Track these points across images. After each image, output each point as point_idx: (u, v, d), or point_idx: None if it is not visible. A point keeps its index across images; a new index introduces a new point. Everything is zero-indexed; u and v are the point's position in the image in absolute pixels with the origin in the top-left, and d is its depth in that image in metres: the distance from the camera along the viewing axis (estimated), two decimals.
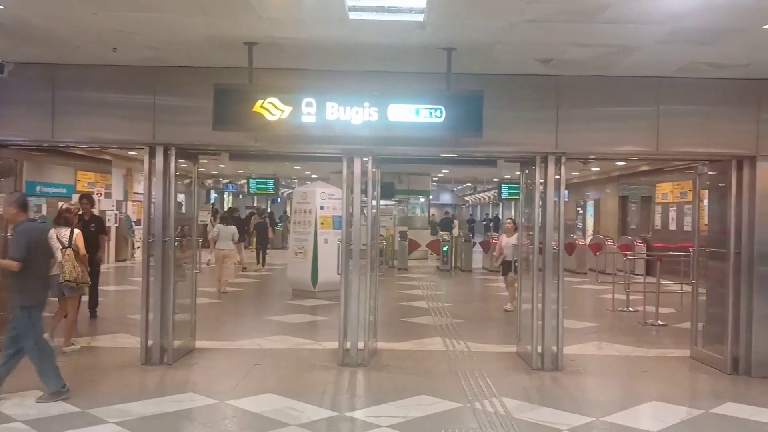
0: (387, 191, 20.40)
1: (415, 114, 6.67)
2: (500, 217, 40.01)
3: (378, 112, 6.68)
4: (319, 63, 7.08)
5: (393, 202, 22.16)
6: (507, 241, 11.78)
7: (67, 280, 7.77)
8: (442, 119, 6.65)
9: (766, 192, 7.35)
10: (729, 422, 5.83)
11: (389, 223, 20.82)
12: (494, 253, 13.95)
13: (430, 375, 7.17)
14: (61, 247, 7.77)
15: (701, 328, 8.22)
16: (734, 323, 7.50)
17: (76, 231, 8.01)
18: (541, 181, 7.48)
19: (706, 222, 8.52)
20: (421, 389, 6.51)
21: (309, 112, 6.68)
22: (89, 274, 8.29)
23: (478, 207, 51.84)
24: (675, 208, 17.69)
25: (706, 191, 8.47)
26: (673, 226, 17.75)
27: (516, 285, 11.58)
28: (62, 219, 8.02)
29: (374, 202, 7.76)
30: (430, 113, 6.64)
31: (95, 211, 11.13)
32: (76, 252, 7.83)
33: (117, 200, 19.32)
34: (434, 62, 6.71)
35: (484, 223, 38.11)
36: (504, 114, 7.27)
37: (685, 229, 16.42)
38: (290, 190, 33.01)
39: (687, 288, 9.15)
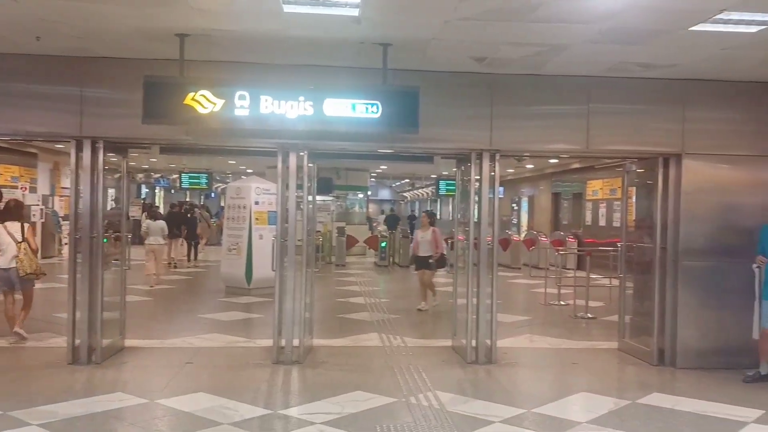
0: (325, 186, 20.29)
1: (351, 109, 6.64)
2: (437, 213, 40.40)
3: (313, 106, 6.63)
4: (252, 56, 6.98)
5: (331, 198, 22.09)
6: (422, 236, 11.51)
7: (28, 273, 7.98)
8: (378, 115, 6.65)
9: (690, 189, 7.62)
10: (654, 412, 6.04)
11: (327, 218, 20.75)
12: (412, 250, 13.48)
13: (366, 371, 7.19)
14: (15, 242, 7.98)
15: (629, 321, 8.49)
16: (660, 316, 7.77)
17: (27, 225, 8.22)
18: (477, 177, 7.58)
19: (634, 218, 8.79)
20: (357, 385, 6.51)
21: (242, 106, 6.57)
22: None
23: (417, 203, 52.19)
24: (605, 204, 18.23)
25: (634, 188, 8.72)
26: (602, 222, 18.29)
27: (432, 282, 11.45)
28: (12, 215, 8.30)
29: (310, 198, 7.71)
30: (367, 109, 6.63)
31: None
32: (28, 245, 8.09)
33: (43, 195, 18.62)
34: (371, 57, 6.70)
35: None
36: (440, 111, 7.33)
37: (614, 224, 16.94)
38: (225, 185, 32.45)
39: (615, 282, 9.43)
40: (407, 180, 40.22)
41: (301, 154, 7.38)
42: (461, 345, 7.79)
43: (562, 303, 12.13)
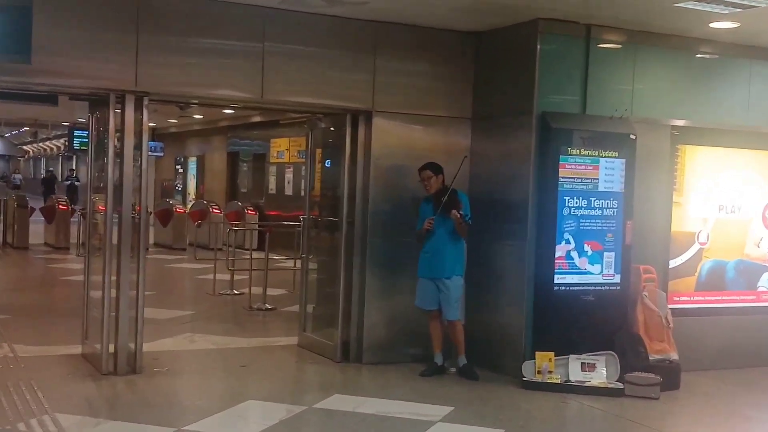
0: None
1: None
2: (75, 172, 38.45)
3: None
4: None
5: None
6: None
7: None
8: None
9: (380, 153, 8.29)
10: (332, 417, 6.64)
11: None
12: None
13: None
14: None
15: (311, 311, 9.10)
16: (345, 303, 8.42)
17: None
18: (117, 127, 7.49)
19: (320, 186, 9.38)
20: None
21: None
22: None
23: (43, 160, 49.28)
24: (292, 169, 19.07)
25: (320, 150, 9.32)
26: (289, 191, 19.15)
27: None
28: None
29: None
30: None
31: None
32: None
33: None
34: None
35: (67, 183, 35.71)
36: (65, 35, 7.09)
37: (303, 194, 17.89)
38: None
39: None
40: (27, 128, 37.68)
41: None
42: (95, 351, 7.71)
43: (236, 292, 12.58)
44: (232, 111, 19.23)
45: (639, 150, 8.10)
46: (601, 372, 7.63)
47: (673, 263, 8.54)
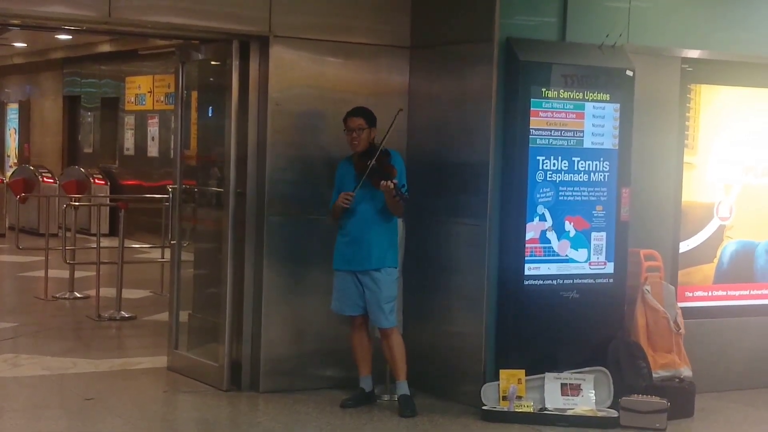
0: None
1: None
2: None
3: None
4: None
5: None
6: None
7: None
8: None
9: (282, 96, 8.15)
10: None
11: None
12: None
13: None
14: None
15: (187, 321, 9.00)
16: (234, 310, 8.32)
17: None
18: None
19: (196, 144, 9.33)
20: None
21: None
22: None
23: None
24: (157, 119, 18.90)
25: (197, 93, 9.21)
26: (154, 151, 19.00)
27: None
28: None
29: None
30: None
31: None
32: None
33: None
34: None
35: None
36: None
37: (173, 155, 17.67)
38: None
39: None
40: None
41: None
42: None
43: (78, 295, 12.52)
44: (70, 36, 18.80)
45: (639, 91, 8.14)
46: (588, 396, 7.66)
47: (684, 246, 8.63)
